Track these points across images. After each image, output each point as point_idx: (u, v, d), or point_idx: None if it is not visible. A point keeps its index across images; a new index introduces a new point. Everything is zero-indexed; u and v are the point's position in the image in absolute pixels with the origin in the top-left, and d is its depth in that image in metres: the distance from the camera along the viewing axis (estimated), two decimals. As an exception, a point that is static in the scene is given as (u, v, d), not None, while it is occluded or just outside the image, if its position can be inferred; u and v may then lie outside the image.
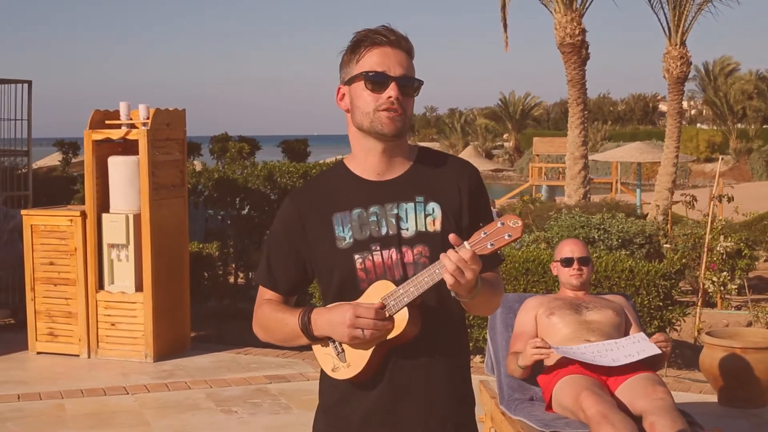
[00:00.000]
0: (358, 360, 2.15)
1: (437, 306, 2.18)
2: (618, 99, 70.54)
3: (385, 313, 2.09)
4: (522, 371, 4.08)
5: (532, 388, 4.26)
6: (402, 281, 2.11)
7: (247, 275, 9.92)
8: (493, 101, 76.80)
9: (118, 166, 6.95)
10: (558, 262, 4.39)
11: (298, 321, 2.19)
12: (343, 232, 2.20)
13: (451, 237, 2.03)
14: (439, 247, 2.10)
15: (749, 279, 10.57)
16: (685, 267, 9.65)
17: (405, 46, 2.21)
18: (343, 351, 2.17)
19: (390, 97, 2.15)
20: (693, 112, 69.00)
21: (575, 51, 15.17)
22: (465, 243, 2.02)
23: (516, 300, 4.55)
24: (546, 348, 3.85)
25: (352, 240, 2.19)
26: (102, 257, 6.99)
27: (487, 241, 2.01)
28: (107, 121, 7.04)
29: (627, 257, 7.02)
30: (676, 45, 16.86)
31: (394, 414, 2.20)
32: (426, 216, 2.19)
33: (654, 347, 3.89)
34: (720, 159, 10.02)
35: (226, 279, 9.65)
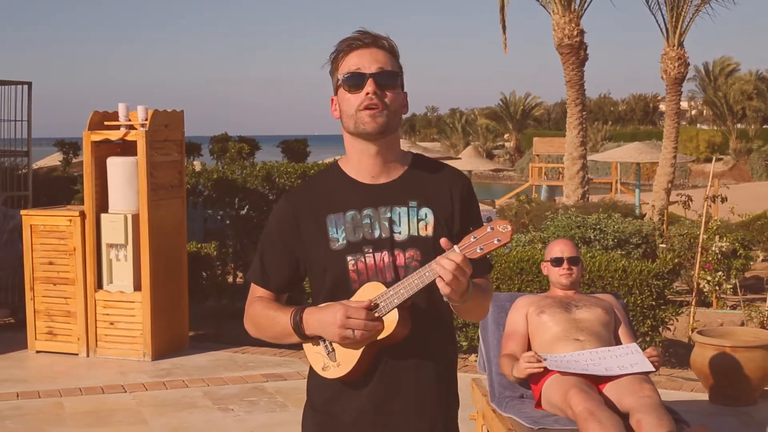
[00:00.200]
0: (348, 360, 2.17)
1: (427, 308, 2.21)
2: (619, 99, 70.55)
3: (375, 314, 2.12)
4: (516, 379, 4.16)
5: (522, 386, 4.32)
6: (393, 284, 2.14)
7: (246, 275, 9.94)
8: (494, 101, 76.84)
9: (116, 166, 7.02)
10: (548, 261, 4.45)
11: (289, 320, 2.22)
12: (337, 233, 2.22)
13: (442, 241, 2.06)
14: (431, 252, 2.14)
15: (746, 279, 10.63)
16: (681, 267, 9.70)
17: (382, 43, 2.23)
18: (334, 350, 2.19)
19: (368, 93, 2.17)
20: (693, 112, 69.01)
21: (573, 52, 15.19)
22: (455, 247, 2.05)
23: (507, 299, 4.61)
24: (538, 362, 3.93)
25: (345, 242, 2.22)
26: (101, 257, 7.06)
27: (477, 246, 2.05)
28: (106, 123, 7.10)
29: (620, 257, 7.07)
30: (673, 46, 16.91)
31: (384, 414, 2.23)
32: (419, 221, 2.22)
33: (647, 363, 3.96)
34: (713, 159, 10.03)
35: (224, 279, 9.70)
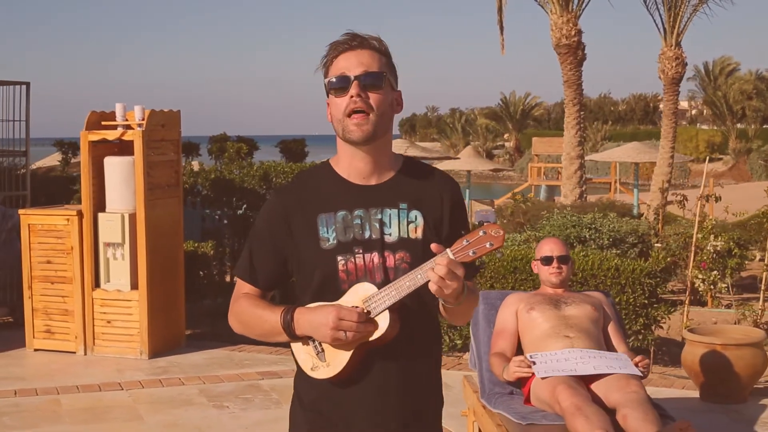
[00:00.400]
0: (337, 360, 2.18)
1: (416, 308, 2.22)
2: (619, 99, 70.56)
3: (367, 316, 2.12)
4: (506, 380, 4.22)
5: (511, 382, 4.37)
6: (383, 285, 2.14)
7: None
8: (494, 101, 77.03)
9: (113, 166, 7.07)
10: (538, 260, 4.51)
11: (280, 319, 2.21)
12: (327, 233, 2.22)
13: (433, 246, 2.07)
14: (420, 254, 2.16)
15: (743, 278, 10.67)
16: (676, 266, 9.75)
17: (370, 44, 2.21)
18: (323, 351, 2.19)
19: (352, 96, 2.16)
20: (693, 112, 69.00)
21: (571, 52, 15.24)
22: (447, 250, 2.06)
23: (498, 297, 4.66)
24: (528, 367, 4.01)
25: (335, 241, 2.21)
26: (98, 256, 7.11)
27: (470, 249, 2.06)
28: (103, 122, 7.15)
29: (613, 256, 7.12)
30: (671, 46, 16.97)
31: (375, 414, 2.23)
32: (408, 223, 2.23)
33: (636, 371, 4.01)
34: (707, 159, 10.09)
35: (221, 278, 9.75)
